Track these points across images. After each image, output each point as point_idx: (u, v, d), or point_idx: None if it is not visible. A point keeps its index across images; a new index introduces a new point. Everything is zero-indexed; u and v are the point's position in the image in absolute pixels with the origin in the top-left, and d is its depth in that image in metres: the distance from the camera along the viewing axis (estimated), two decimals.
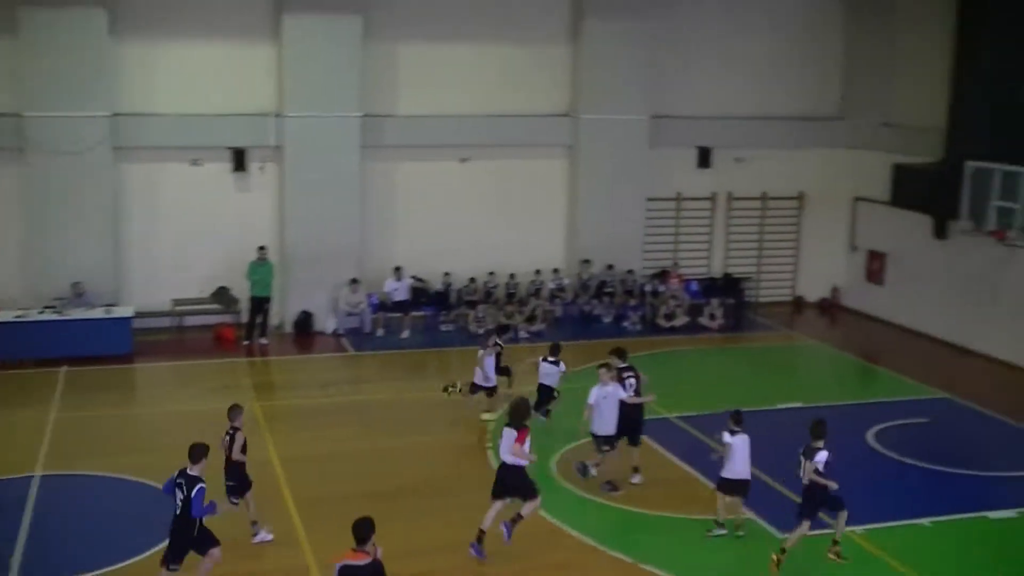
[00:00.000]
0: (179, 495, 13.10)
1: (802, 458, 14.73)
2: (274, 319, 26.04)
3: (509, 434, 14.94)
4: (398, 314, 26.43)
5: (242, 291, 25.53)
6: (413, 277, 26.95)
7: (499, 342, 20.39)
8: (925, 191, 25.52)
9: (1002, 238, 21.08)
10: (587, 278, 27.92)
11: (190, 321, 25.78)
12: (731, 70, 29.33)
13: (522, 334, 26.24)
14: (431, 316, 27.05)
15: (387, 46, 26.56)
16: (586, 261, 27.90)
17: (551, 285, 27.84)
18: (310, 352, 25.26)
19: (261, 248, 25.21)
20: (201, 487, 13.00)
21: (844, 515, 14.87)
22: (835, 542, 15.04)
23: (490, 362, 20.07)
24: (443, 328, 26.79)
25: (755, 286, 30.38)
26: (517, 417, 15.02)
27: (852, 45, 30.01)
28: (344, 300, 26.09)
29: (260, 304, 25.20)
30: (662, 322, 27.51)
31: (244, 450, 14.94)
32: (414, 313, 26.64)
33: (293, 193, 25.83)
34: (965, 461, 18.60)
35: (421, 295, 26.99)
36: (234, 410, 15.18)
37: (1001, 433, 19.56)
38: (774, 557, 14.49)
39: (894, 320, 27.94)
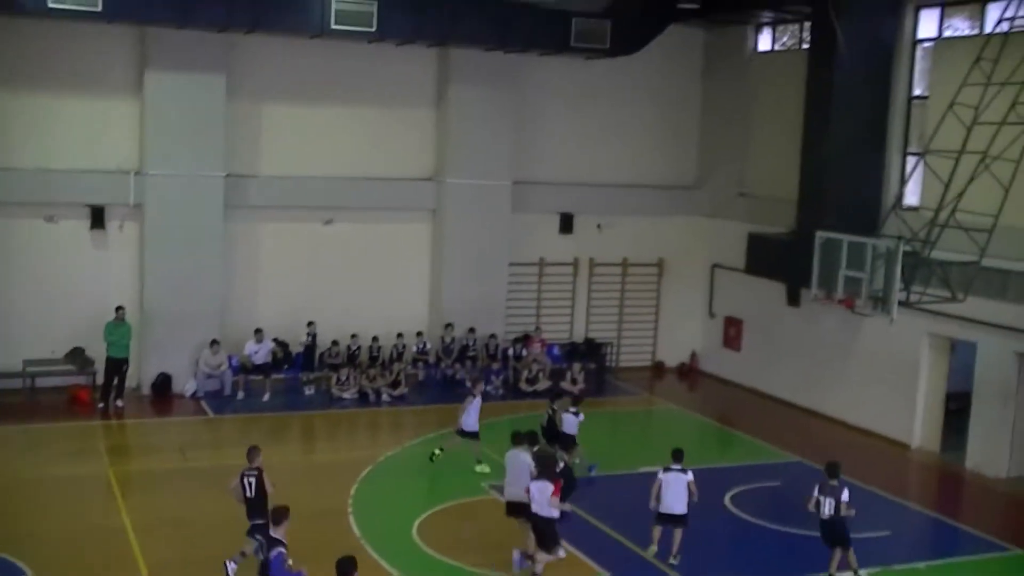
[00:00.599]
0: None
1: (821, 497, 16.34)
2: (131, 381, 25.41)
3: (544, 487, 15.55)
4: (259, 376, 26.07)
5: (98, 352, 24.88)
6: (275, 339, 26.66)
7: (474, 392, 21.27)
8: (778, 260, 26.32)
9: (850, 306, 21.84)
10: (449, 342, 27.99)
11: (43, 382, 24.97)
12: (593, 138, 29.98)
13: (384, 398, 26.14)
14: (293, 379, 26.76)
15: (252, 105, 26.46)
16: (449, 325, 27.99)
17: (414, 348, 27.83)
18: (168, 415, 24.72)
19: (119, 308, 24.67)
20: (280, 551, 13.11)
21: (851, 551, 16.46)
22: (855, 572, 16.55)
23: (474, 408, 20.84)
24: (305, 391, 26.51)
25: (616, 351, 30.84)
26: (548, 469, 15.80)
27: (709, 118, 31.00)
28: (204, 362, 25.65)
29: (117, 365, 24.60)
30: (524, 386, 27.69)
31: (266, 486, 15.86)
32: (276, 376, 26.30)
33: (153, 252, 25.40)
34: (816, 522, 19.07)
35: (283, 358, 26.69)
36: (253, 451, 16.04)
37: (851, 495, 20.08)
38: None
39: (750, 385, 28.64)
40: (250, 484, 15.74)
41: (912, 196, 24.30)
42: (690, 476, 17.01)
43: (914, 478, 22.80)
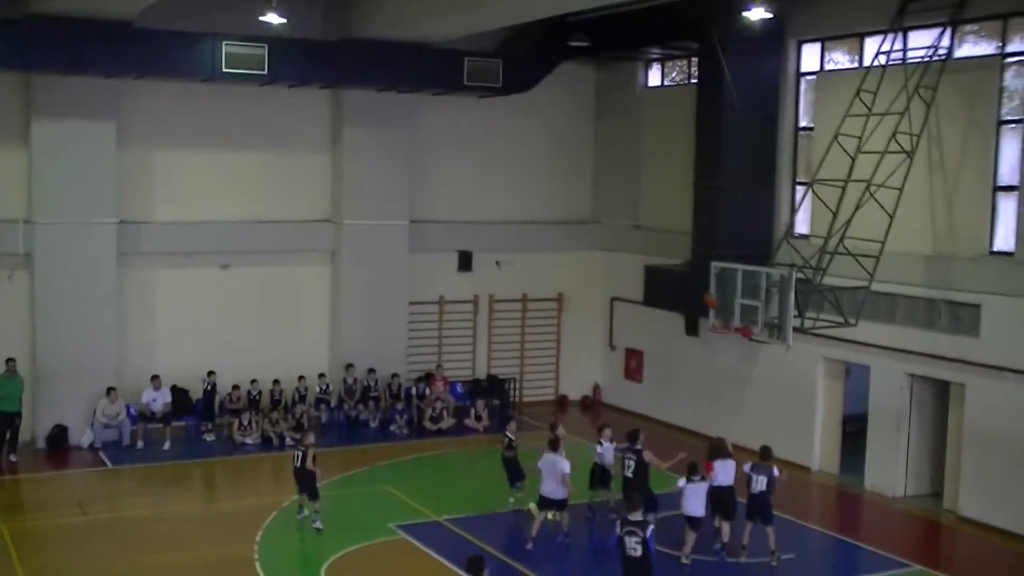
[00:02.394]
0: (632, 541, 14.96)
1: (753, 474, 18.65)
2: (25, 435, 24.72)
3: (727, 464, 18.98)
4: (158, 425, 25.60)
5: None
6: (173, 386, 26.22)
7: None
8: (675, 291, 26.67)
9: (747, 335, 22.22)
10: (351, 382, 27.81)
11: None
12: (489, 176, 30.16)
13: (288, 441, 25.84)
14: (193, 426, 26.34)
15: (143, 151, 26.12)
16: (350, 365, 27.81)
17: (316, 390, 27.59)
18: (64, 468, 24.08)
19: (9, 360, 24.03)
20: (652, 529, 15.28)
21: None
22: (773, 552, 18.35)
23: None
24: (206, 438, 26.09)
25: (519, 386, 30.94)
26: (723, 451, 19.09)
27: (603, 153, 31.41)
28: (102, 411, 25.07)
29: (9, 420, 23.90)
30: (429, 425, 27.61)
31: (314, 462, 19.70)
32: (175, 423, 25.83)
33: (44, 302, 24.85)
34: (713, 553, 19.29)
35: (182, 405, 26.26)
36: (308, 433, 20.82)
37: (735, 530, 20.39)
38: (773, 563, 18.10)
39: (653, 415, 28.85)
40: (298, 456, 19.83)
41: (802, 225, 24.86)
42: (706, 485, 18.65)
43: (815, 500, 23.19)
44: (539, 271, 30.91)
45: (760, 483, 18.66)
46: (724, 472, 19.19)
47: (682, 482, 18.57)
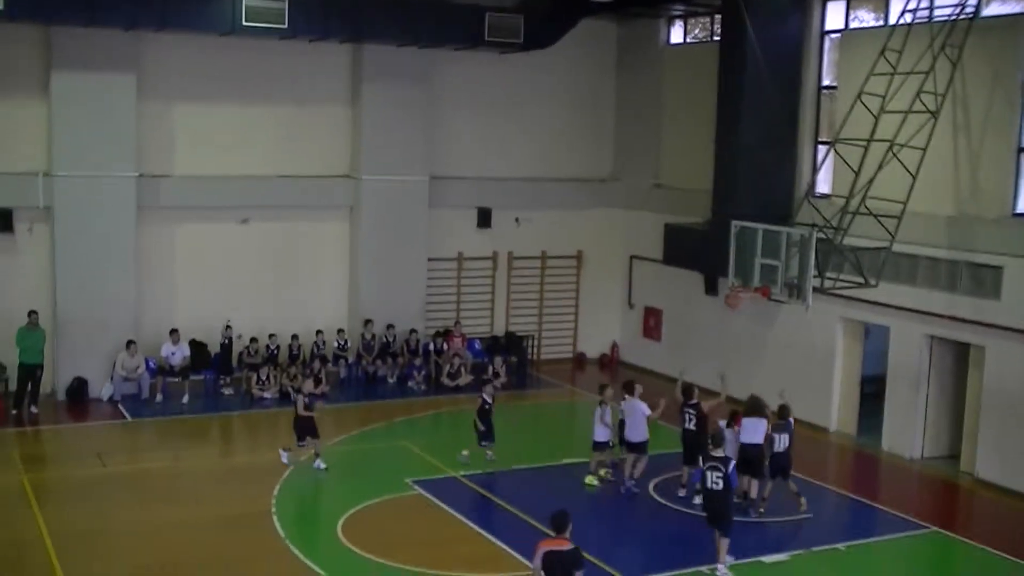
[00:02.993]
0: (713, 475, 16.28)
1: (775, 435, 19.07)
2: (46, 387, 24.91)
3: (759, 423, 19.20)
4: (177, 379, 25.74)
5: (11, 358, 24.36)
6: (192, 340, 26.33)
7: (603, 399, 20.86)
8: (695, 250, 26.61)
9: (766, 295, 22.14)
10: (369, 338, 27.87)
11: None
12: (509, 133, 30.02)
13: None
14: (211, 380, 26.46)
15: (163, 105, 26.09)
16: (368, 321, 27.86)
17: (335, 345, 27.66)
18: (84, 420, 24.26)
19: (31, 313, 24.16)
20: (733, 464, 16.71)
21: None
22: (798, 498, 19.24)
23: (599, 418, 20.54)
24: (224, 392, 26.23)
25: (537, 344, 30.95)
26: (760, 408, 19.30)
27: (623, 111, 31.20)
28: (121, 364, 25.23)
29: (31, 371, 24.08)
30: (446, 381, 27.67)
31: (307, 408, 20.79)
32: (194, 377, 25.97)
33: (65, 256, 24.94)
34: (738, 509, 19.36)
35: (201, 359, 26.37)
36: (306, 380, 21.88)
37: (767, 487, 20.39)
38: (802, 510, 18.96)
39: (671, 374, 28.75)
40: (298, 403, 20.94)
41: (824, 184, 24.70)
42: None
43: (833, 461, 23.20)
44: (558, 228, 30.82)
45: (783, 441, 19.05)
46: (754, 430, 19.24)
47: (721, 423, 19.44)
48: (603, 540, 17.46)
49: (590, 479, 20.54)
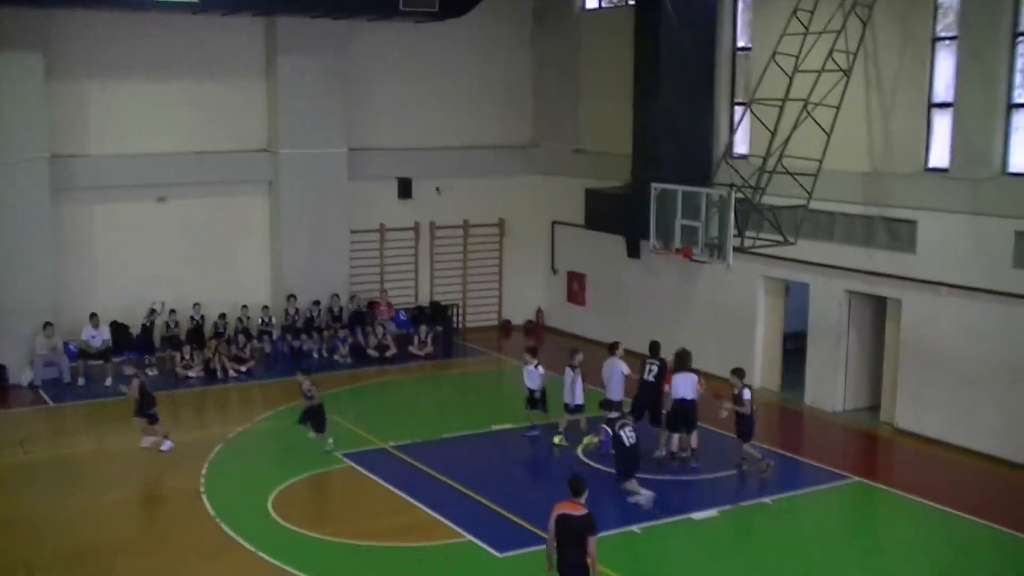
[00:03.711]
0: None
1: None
2: None
3: (688, 377, 19.30)
4: (99, 362, 25.38)
5: None
6: (113, 322, 25.98)
7: (573, 364, 21.02)
8: (616, 213, 26.73)
9: (688, 255, 22.33)
10: (293, 313, 27.70)
11: None
12: (428, 102, 29.89)
13: (231, 374, 25.77)
14: (135, 362, 26.09)
15: (74, 84, 25.63)
16: (291, 296, 27.69)
17: (259, 321, 27.46)
18: (5, 407, 23.80)
19: None
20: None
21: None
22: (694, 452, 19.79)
23: (575, 382, 20.89)
24: (148, 373, 25.88)
25: (462, 312, 30.99)
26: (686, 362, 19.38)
27: (541, 77, 31.22)
28: (40, 346, 24.81)
29: None
30: (372, 353, 27.62)
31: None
32: (116, 359, 25.63)
33: None
34: (668, 467, 19.63)
35: (123, 340, 26.03)
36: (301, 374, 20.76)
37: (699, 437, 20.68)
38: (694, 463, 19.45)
39: (596, 338, 29.02)
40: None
41: (741, 145, 24.91)
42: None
43: (757, 417, 23.50)
44: (480, 197, 30.82)
45: (686, 388, 19.65)
46: (684, 385, 19.57)
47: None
48: (536, 501, 17.60)
49: (559, 439, 20.84)
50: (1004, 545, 16.65)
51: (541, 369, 21.22)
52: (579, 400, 21.03)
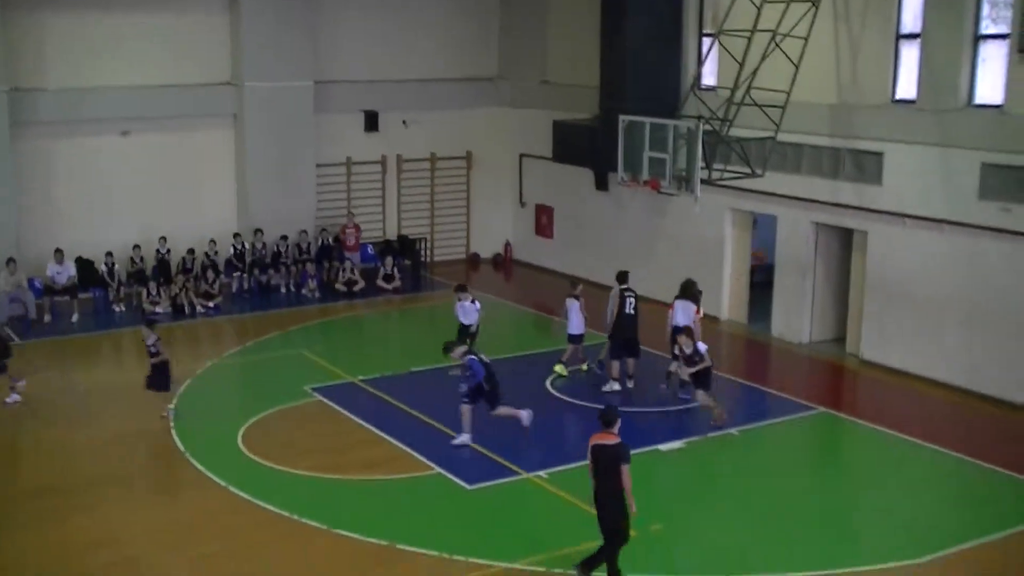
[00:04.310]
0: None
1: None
2: None
3: (688, 305, 19.55)
4: (65, 298, 25.21)
5: None
6: (78, 258, 25.77)
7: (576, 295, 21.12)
8: (584, 146, 26.66)
9: (656, 187, 22.32)
10: (260, 247, 27.56)
11: None
12: (394, 34, 29.61)
13: (199, 310, 25.67)
14: (101, 298, 25.97)
15: (31, 15, 25.19)
16: (258, 231, 27.53)
17: (229, 251, 27.28)
18: None
19: None
20: None
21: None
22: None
23: (575, 311, 20.96)
24: (115, 309, 25.78)
25: (430, 246, 30.92)
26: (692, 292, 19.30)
27: (508, 8, 30.94)
28: (3, 282, 24.57)
29: None
30: (340, 288, 27.56)
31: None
32: (82, 295, 25.45)
33: None
34: (634, 400, 19.78)
35: (88, 277, 25.85)
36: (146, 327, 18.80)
37: (661, 371, 20.82)
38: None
39: (564, 271, 29.09)
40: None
41: (709, 76, 24.83)
42: None
43: (725, 350, 23.66)
44: (447, 129, 30.65)
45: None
46: (684, 313, 19.69)
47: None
48: (505, 434, 17.71)
49: (559, 368, 20.99)
50: (965, 474, 16.92)
51: (477, 304, 21.13)
52: (578, 330, 21.02)
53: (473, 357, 17.52)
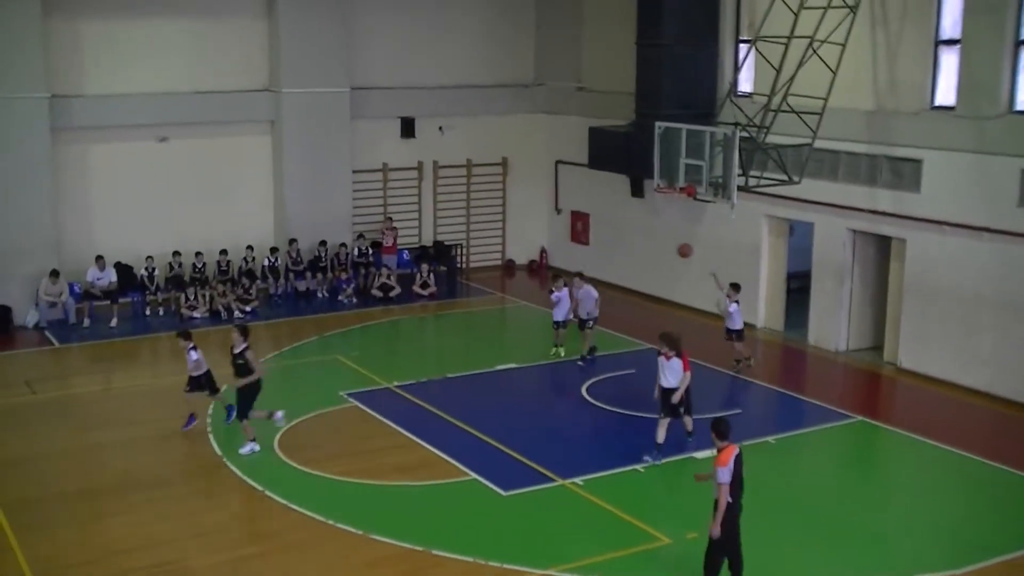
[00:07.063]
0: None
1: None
2: None
3: (677, 363, 17.38)
4: (104, 302, 25.42)
5: None
6: (117, 263, 25.98)
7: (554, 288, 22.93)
8: (620, 152, 26.61)
9: (692, 194, 22.26)
10: (295, 255, 27.67)
11: None
12: (430, 40, 29.69)
13: (236, 314, 25.81)
14: (139, 302, 26.18)
15: (71, 23, 25.42)
16: (293, 240, 27.65)
17: (265, 262, 27.43)
18: (11, 348, 23.86)
19: None
20: None
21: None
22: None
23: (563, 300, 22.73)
24: (152, 312, 25.96)
25: (466, 252, 30.97)
26: (675, 344, 17.41)
27: (544, 14, 30.95)
28: (44, 291, 24.84)
29: None
30: (377, 293, 27.64)
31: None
32: (121, 300, 25.67)
33: None
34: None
35: (127, 281, 26.05)
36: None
37: (702, 378, 20.73)
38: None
39: (600, 277, 28.92)
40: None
41: (746, 83, 24.75)
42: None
43: (761, 357, 23.58)
44: (483, 135, 30.69)
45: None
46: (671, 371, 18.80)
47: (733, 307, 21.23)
48: (541, 441, 17.69)
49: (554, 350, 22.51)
50: (1005, 483, 16.74)
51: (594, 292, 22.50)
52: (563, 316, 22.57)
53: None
